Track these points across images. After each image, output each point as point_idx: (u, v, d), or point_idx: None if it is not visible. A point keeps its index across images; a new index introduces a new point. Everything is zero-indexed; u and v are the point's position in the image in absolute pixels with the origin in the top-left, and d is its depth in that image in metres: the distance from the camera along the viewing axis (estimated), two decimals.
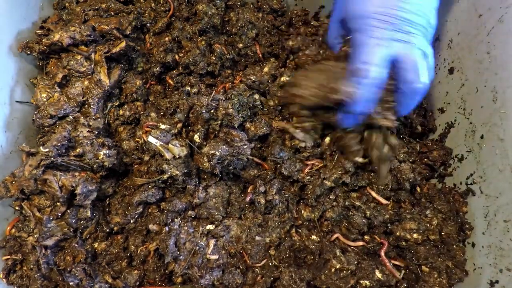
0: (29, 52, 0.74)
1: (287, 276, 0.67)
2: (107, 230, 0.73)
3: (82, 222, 0.71)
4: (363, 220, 0.73)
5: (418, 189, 0.80)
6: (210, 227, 0.71)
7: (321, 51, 0.81)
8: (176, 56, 0.82)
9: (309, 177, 0.74)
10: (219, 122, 0.72)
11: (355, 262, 0.69)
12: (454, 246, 0.73)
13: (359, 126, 0.70)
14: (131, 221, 0.73)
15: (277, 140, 0.76)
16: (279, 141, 0.76)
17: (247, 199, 0.74)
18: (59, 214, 0.68)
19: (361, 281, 0.67)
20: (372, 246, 0.73)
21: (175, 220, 0.71)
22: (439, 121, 0.86)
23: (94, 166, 0.70)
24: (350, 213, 0.75)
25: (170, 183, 0.72)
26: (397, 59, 0.60)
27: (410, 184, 0.77)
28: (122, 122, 0.78)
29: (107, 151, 0.71)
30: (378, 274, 0.68)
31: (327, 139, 0.76)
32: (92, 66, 0.75)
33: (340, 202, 0.75)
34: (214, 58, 0.81)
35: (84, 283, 0.67)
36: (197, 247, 0.68)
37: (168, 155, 0.68)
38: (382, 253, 0.71)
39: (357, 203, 0.75)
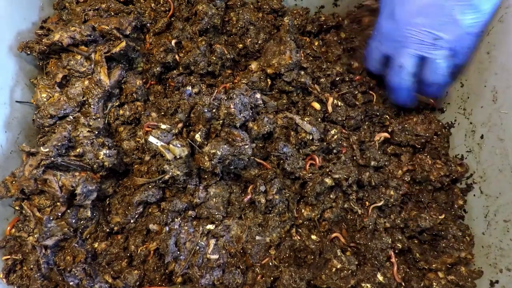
0: (29, 52, 0.74)
1: (287, 275, 0.67)
2: (107, 230, 0.73)
3: (82, 222, 0.70)
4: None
5: None
6: (210, 227, 0.71)
7: None
8: (176, 56, 0.82)
9: (310, 174, 0.74)
10: (221, 121, 0.72)
11: (356, 263, 0.69)
12: None
13: None
14: (131, 221, 0.73)
15: (281, 136, 0.76)
16: (283, 137, 0.76)
17: (247, 198, 0.74)
18: (59, 214, 0.68)
19: (362, 284, 0.67)
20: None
21: (175, 220, 0.71)
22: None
23: (94, 166, 0.70)
24: (349, 216, 0.75)
25: (171, 183, 0.72)
26: None
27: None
28: (122, 122, 0.78)
29: (107, 151, 0.71)
30: (379, 277, 0.68)
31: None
32: (92, 66, 0.75)
33: (339, 204, 0.75)
34: (214, 58, 0.81)
35: (84, 283, 0.67)
36: (197, 247, 0.68)
37: (169, 156, 0.68)
38: (393, 258, 0.70)
39: (356, 208, 0.74)
